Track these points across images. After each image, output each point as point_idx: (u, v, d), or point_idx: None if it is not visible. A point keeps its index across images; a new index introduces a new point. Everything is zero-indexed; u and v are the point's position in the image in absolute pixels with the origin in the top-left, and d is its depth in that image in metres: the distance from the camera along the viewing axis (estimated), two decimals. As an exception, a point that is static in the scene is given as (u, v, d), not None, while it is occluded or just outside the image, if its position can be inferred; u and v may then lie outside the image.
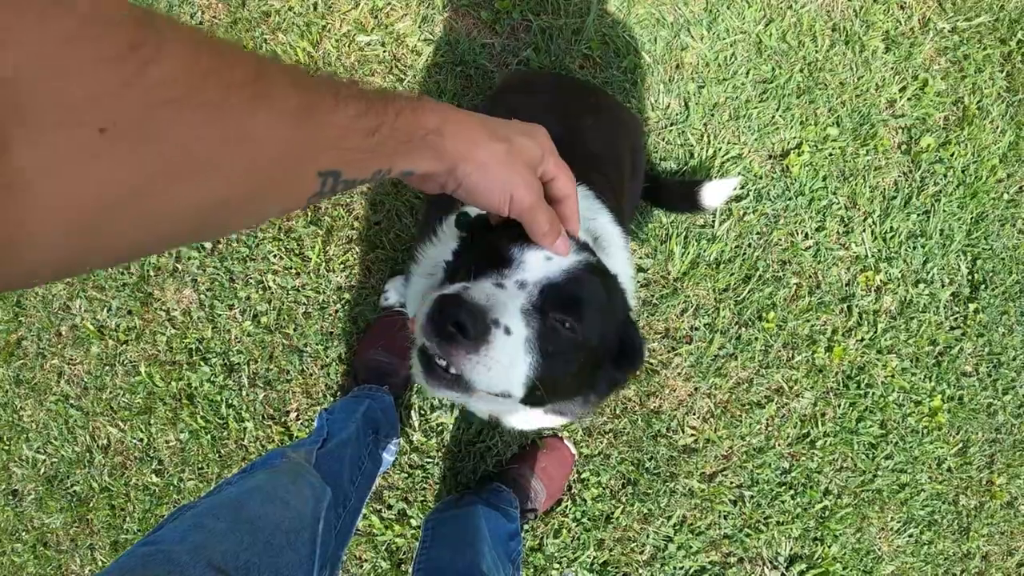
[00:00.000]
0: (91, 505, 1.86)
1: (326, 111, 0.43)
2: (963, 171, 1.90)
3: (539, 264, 0.68)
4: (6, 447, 1.89)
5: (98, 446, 1.86)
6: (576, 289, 0.68)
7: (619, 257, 0.96)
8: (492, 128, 0.58)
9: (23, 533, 1.89)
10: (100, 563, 1.87)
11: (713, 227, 1.69)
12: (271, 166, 0.40)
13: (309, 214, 1.73)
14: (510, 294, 0.66)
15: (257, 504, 0.88)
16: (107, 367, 1.85)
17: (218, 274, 1.78)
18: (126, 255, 0.37)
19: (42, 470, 1.87)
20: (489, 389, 0.64)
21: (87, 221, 0.31)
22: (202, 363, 1.81)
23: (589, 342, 0.71)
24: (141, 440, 1.85)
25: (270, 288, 1.76)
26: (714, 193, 1.54)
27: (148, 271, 1.84)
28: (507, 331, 0.63)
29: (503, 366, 0.62)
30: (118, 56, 0.30)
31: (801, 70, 1.76)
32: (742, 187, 1.70)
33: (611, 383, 0.80)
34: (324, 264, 1.72)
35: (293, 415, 1.79)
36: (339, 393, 1.74)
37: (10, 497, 1.92)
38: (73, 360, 1.86)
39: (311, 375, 1.75)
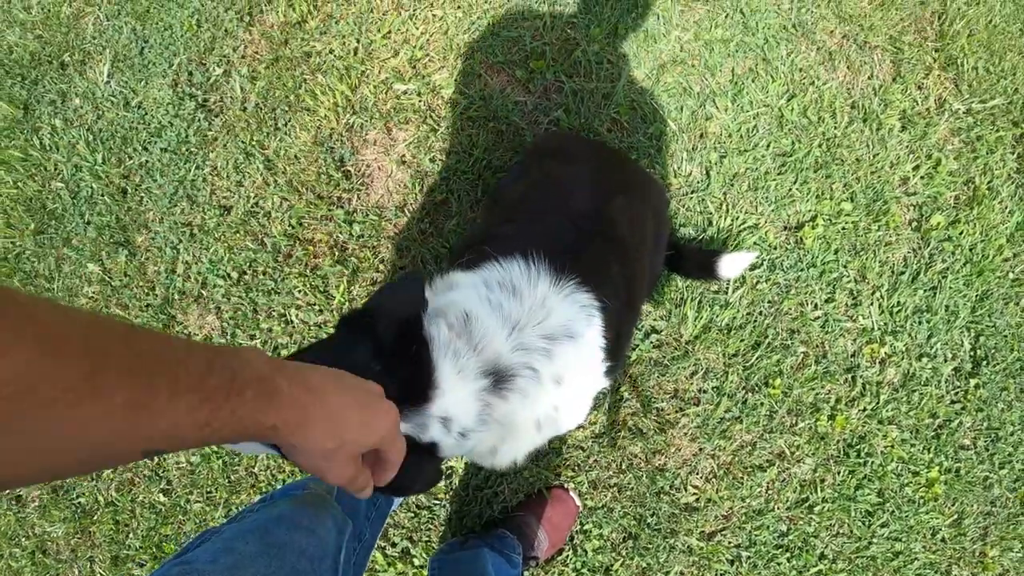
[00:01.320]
0: (95, 518, 1.91)
1: (157, 406, 0.45)
2: (971, 249, 1.99)
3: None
4: (17, 456, 1.94)
5: None
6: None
7: (570, 358, 0.99)
8: (331, 426, 0.60)
9: (23, 539, 1.94)
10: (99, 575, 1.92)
11: (727, 294, 1.77)
12: (92, 451, 0.44)
13: (336, 253, 1.82)
14: None
15: (283, 531, 0.94)
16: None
17: (242, 304, 1.86)
18: None
19: None
20: None
21: None
22: (219, 389, 1.87)
23: None
24: (151, 459, 1.91)
25: (292, 322, 1.83)
26: (731, 265, 1.62)
27: (173, 294, 1.92)
28: None
29: None
30: None
31: (820, 145, 1.86)
32: (756, 256, 1.78)
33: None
34: (348, 303, 1.80)
35: (305, 447, 1.85)
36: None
37: (13, 502, 1.98)
38: (90, 374, 1.92)
39: (326, 410, 1.82)
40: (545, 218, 1.19)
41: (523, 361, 0.94)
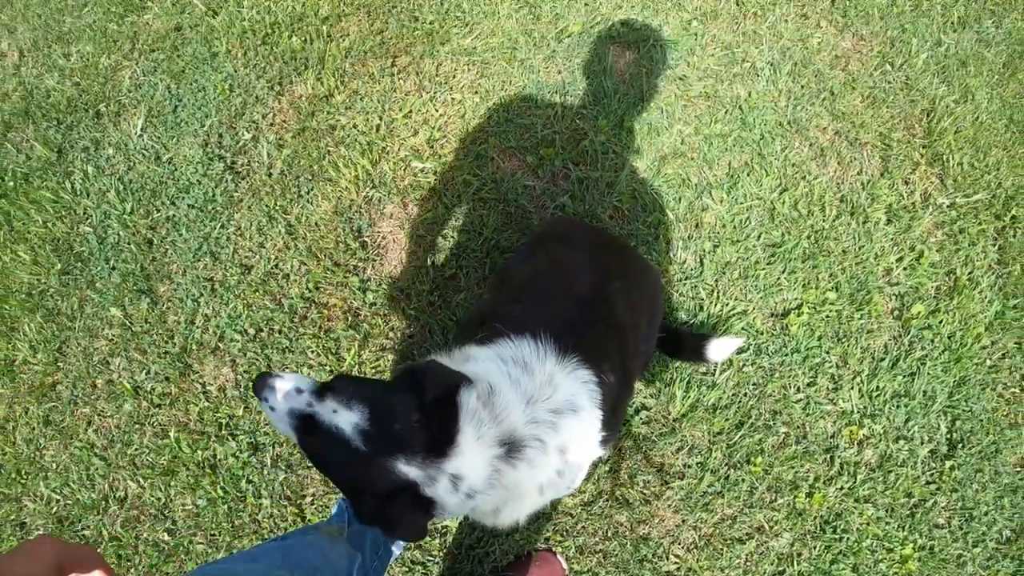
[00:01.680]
0: (98, 551, 2.01)
1: None
2: (949, 337, 2.10)
3: (328, 409, 0.99)
4: (23, 480, 2.03)
5: (115, 497, 2.02)
6: (316, 427, 1.02)
7: (573, 431, 1.12)
8: None
9: (25, 567, 2.04)
10: (98, 609, 2.01)
11: (714, 375, 1.89)
12: None
13: (350, 318, 1.94)
14: (297, 399, 1.03)
15: (301, 550, 1.07)
16: (137, 425, 2.02)
17: (257, 359, 1.98)
18: None
19: (55, 509, 2.02)
20: (273, 422, 1.06)
21: None
22: (230, 438, 1.99)
23: (313, 460, 1.05)
24: (159, 499, 2.01)
25: (304, 380, 1.95)
26: (719, 349, 1.74)
27: (191, 344, 2.04)
28: (271, 408, 1.05)
29: (271, 416, 1.07)
30: None
31: (808, 237, 1.98)
32: (744, 341, 1.90)
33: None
34: (357, 367, 1.92)
35: (309, 499, 1.96)
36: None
37: (17, 528, 2.07)
38: (104, 412, 2.04)
39: (332, 465, 1.94)
40: (551, 300, 1.31)
41: (534, 433, 1.07)
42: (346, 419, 0.97)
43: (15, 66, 2.48)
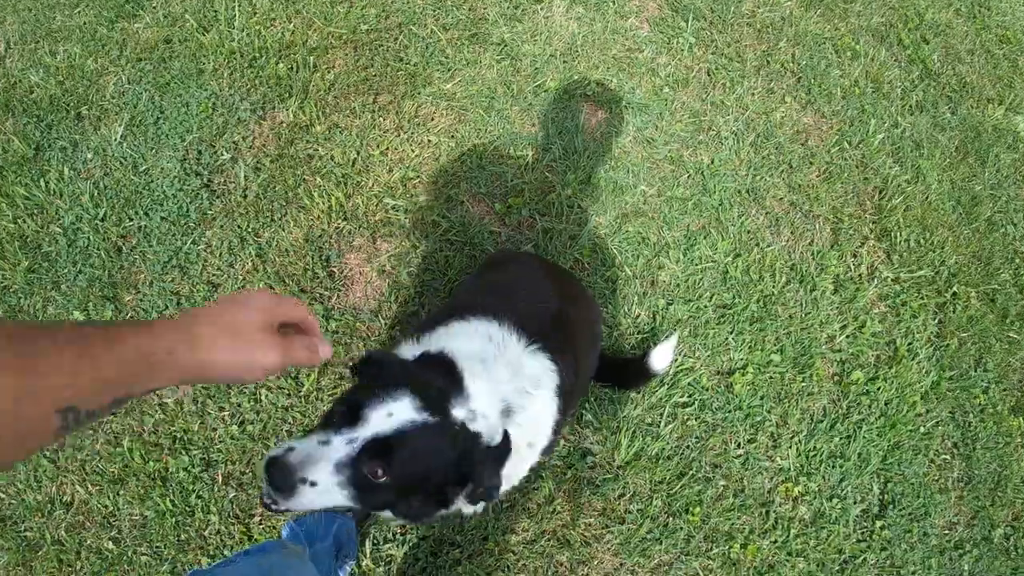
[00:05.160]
0: (39, 554, 2.05)
1: (45, 357, 0.50)
2: (886, 404, 2.30)
3: (379, 420, 1.01)
4: (-34, 480, 2.08)
5: (62, 501, 2.07)
6: (393, 442, 1.01)
7: (542, 402, 1.30)
8: (222, 325, 0.68)
9: (-40, 564, 2.07)
10: (34, 611, 2.05)
11: (659, 427, 2.05)
12: (5, 415, 0.48)
13: (311, 345, 2.06)
14: (332, 449, 0.99)
15: (282, 570, 1.13)
16: (90, 431, 2.09)
17: (216, 377, 2.08)
18: None
19: None
20: (308, 509, 1.00)
21: None
22: (183, 452, 2.07)
23: (404, 480, 1.04)
24: (106, 507, 2.07)
25: (261, 401, 2.06)
26: (661, 357, 1.90)
27: (151, 358, 2.12)
28: (312, 484, 0.96)
29: (311, 501, 0.98)
30: None
31: (758, 301, 2.17)
32: (689, 395, 2.07)
33: (470, 500, 1.12)
34: (315, 392, 2.03)
35: (257, 519, 2.05)
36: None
37: None
38: (58, 419, 2.10)
39: (281, 488, 2.04)
40: (511, 299, 1.48)
41: (519, 403, 1.25)
42: (405, 409, 1.03)
43: (0, 57, 2.56)
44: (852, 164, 2.47)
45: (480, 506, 1.32)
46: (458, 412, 1.11)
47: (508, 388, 1.25)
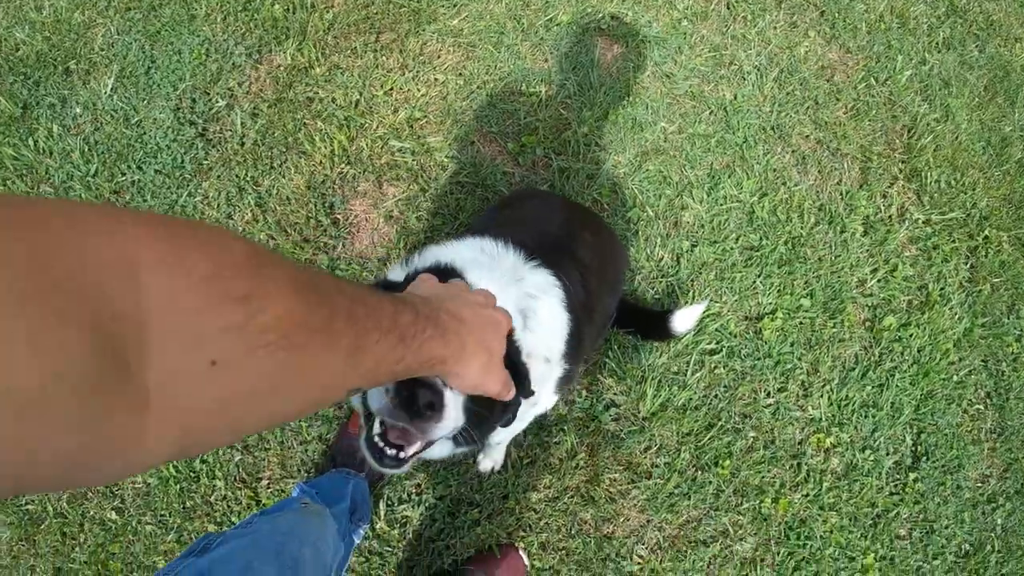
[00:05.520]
0: (42, 527, 1.97)
1: (370, 346, 0.52)
2: (919, 351, 2.20)
3: None
4: (-35, 455, 2.00)
5: None
6: None
7: (549, 309, 1.19)
8: (481, 346, 0.71)
9: (-37, 539, 1.99)
10: (37, 585, 1.97)
11: (685, 375, 1.95)
12: (322, 391, 0.50)
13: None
14: None
15: (295, 546, 1.05)
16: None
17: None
18: (209, 449, 0.53)
19: None
20: (443, 436, 0.86)
21: (188, 431, 0.39)
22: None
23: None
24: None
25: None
26: (684, 319, 1.81)
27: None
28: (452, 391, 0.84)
29: (457, 415, 0.84)
30: (234, 304, 0.38)
31: (786, 243, 2.06)
32: (717, 342, 1.97)
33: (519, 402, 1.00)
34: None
35: (265, 483, 1.96)
36: (313, 471, 1.93)
37: None
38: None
39: (289, 448, 1.94)
40: (517, 229, 1.35)
41: (530, 306, 1.15)
42: None
43: (-17, 16, 2.44)
44: (880, 101, 2.36)
45: (500, 452, 1.21)
46: None
47: (513, 291, 1.13)
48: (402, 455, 0.87)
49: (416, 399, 0.79)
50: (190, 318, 0.36)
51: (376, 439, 0.88)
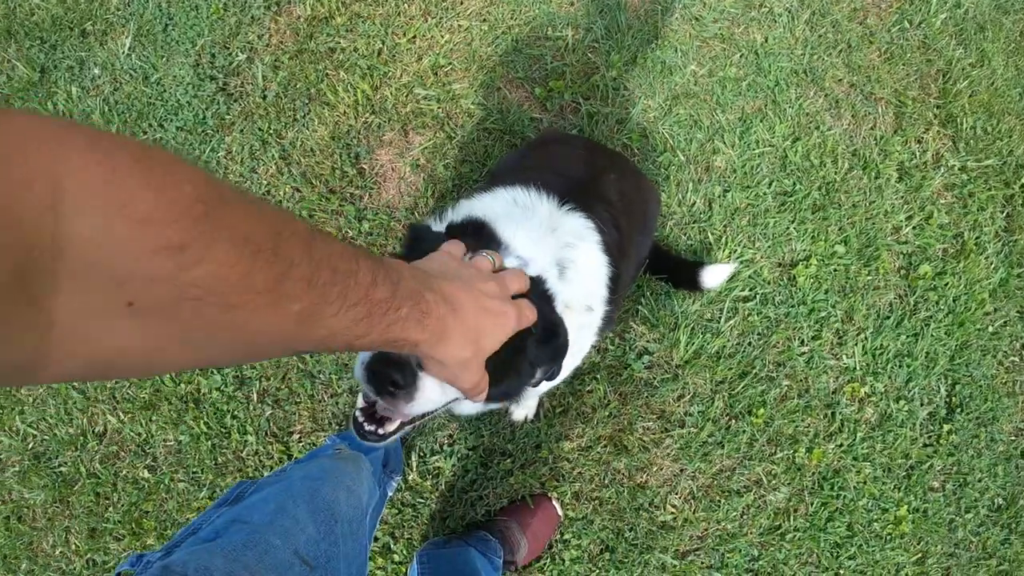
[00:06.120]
0: (76, 488, 1.99)
1: (324, 317, 0.48)
2: (954, 300, 2.16)
3: None
4: (-3, 416, 2.01)
5: (94, 432, 1.99)
6: None
7: (587, 255, 1.18)
8: (468, 338, 0.66)
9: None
10: (74, 546, 1.98)
11: (719, 323, 1.92)
12: (263, 348, 0.47)
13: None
14: None
15: (329, 490, 1.03)
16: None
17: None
18: (126, 377, 0.52)
19: (31, 444, 1.99)
20: (428, 410, 0.83)
21: (99, 364, 0.39)
22: (214, 370, 1.97)
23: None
24: (139, 435, 1.99)
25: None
26: (713, 275, 1.79)
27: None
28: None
29: (435, 396, 0.80)
30: (166, 254, 0.36)
31: (819, 188, 2.02)
32: (750, 289, 1.94)
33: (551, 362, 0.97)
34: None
35: (296, 436, 1.96)
36: (344, 423, 1.92)
37: None
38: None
39: (320, 401, 1.93)
40: (545, 174, 1.33)
41: (568, 256, 1.14)
42: None
43: (-3, -19, 2.41)
44: (914, 45, 2.30)
45: (534, 401, 1.17)
46: (510, 262, 1.01)
47: (550, 242, 1.12)
48: (381, 431, 0.84)
49: (382, 376, 0.75)
50: (112, 260, 0.34)
51: (357, 413, 0.85)
